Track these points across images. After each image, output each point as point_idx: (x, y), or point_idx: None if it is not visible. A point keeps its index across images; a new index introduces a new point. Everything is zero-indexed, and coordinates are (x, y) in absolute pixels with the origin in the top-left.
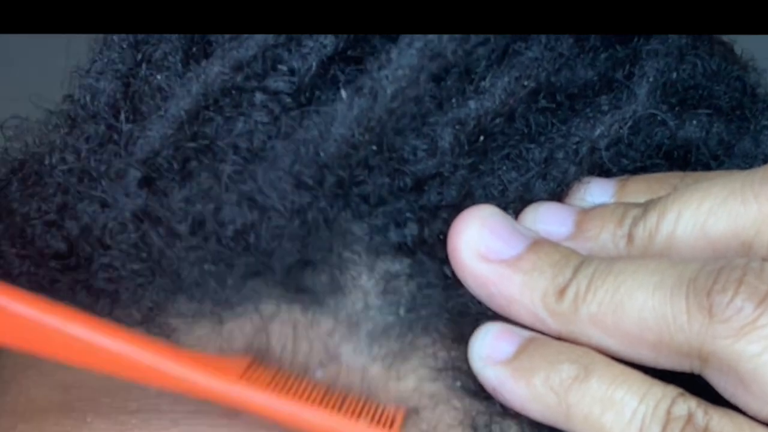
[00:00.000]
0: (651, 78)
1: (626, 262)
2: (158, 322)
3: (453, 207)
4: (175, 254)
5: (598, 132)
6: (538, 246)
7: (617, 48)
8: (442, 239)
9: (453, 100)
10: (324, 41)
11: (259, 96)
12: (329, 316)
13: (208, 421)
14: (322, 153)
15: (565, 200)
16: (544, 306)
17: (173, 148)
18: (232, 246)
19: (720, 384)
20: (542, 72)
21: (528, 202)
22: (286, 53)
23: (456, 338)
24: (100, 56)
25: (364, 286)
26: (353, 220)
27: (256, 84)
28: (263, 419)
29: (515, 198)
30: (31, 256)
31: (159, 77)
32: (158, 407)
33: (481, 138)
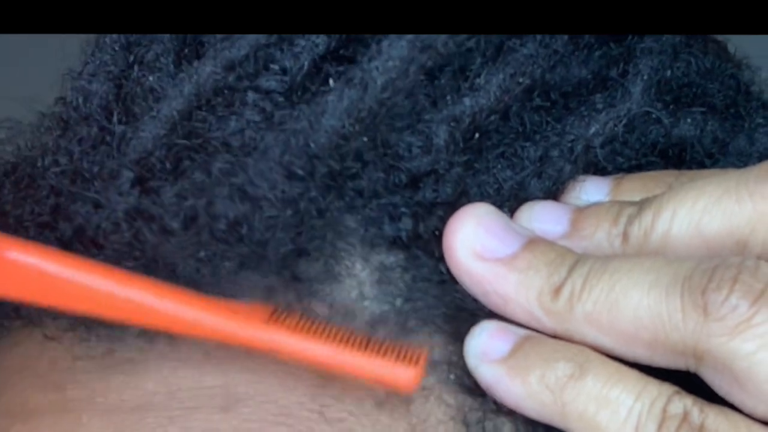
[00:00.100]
0: (645, 76)
1: (621, 261)
2: None
3: (448, 204)
4: (169, 250)
5: (593, 130)
6: (534, 245)
7: (611, 46)
8: (437, 235)
9: (448, 97)
10: (316, 40)
11: (252, 95)
12: (324, 305)
13: (204, 417)
14: (313, 144)
15: (561, 199)
16: (540, 304)
17: (166, 149)
18: (226, 238)
19: (715, 382)
20: (537, 69)
21: (523, 201)
22: (278, 53)
23: (452, 333)
24: (92, 58)
25: (359, 276)
26: (347, 212)
27: (249, 83)
28: (287, 365)
29: (510, 196)
30: None
31: (151, 78)
32: (154, 405)
33: (476, 135)
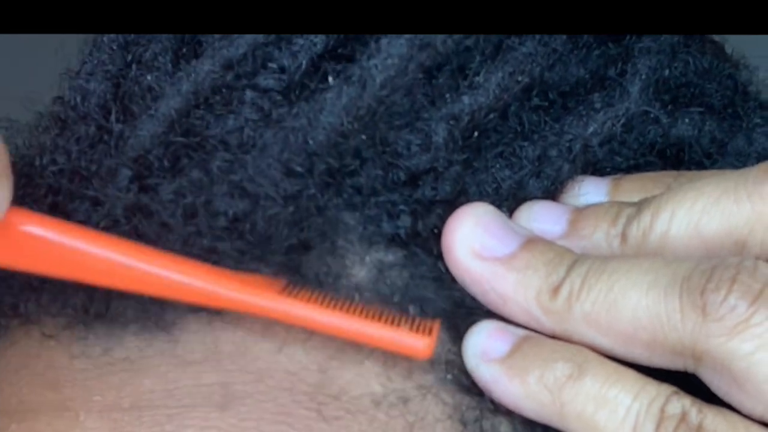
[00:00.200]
0: (644, 75)
1: (620, 261)
2: (153, 317)
3: (447, 203)
4: (167, 246)
5: (591, 129)
6: (532, 244)
7: (610, 45)
8: (436, 234)
9: (447, 96)
10: (314, 39)
11: (250, 94)
12: None
13: (202, 415)
14: (311, 141)
15: (559, 198)
16: (538, 304)
17: (164, 147)
18: (225, 235)
19: (714, 382)
20: (536, 68)
21: (522, 200)
22: (277, 51)
23: (450, 332)
24: (90, 57)
25: (357, 274)
26: (346, 210)
27: (247, 82)
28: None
29: (509, 195)
30: None
31: (149, 77)
32: (151, 403)
33: (475, 134)
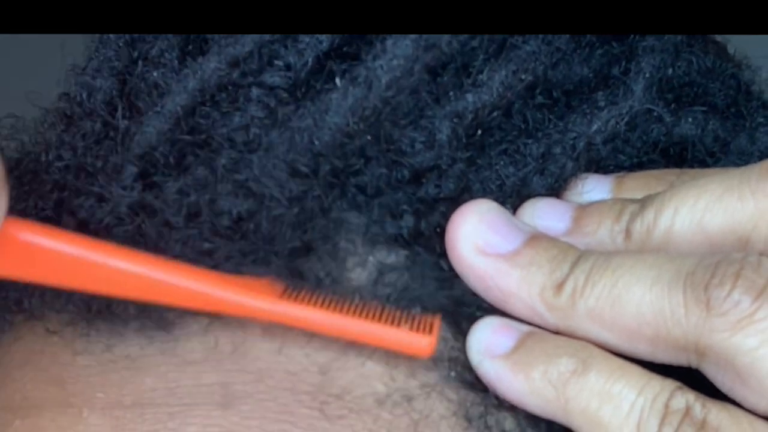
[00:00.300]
0: (647, 74)
1: (624, 257)
2: (154, 316)
3: (450, 200)
4: (170, 244)
5: (595, 127)
6: (536, 241)
7: (613, 44)
8: (439, 232)
9: (450, 94)
10: (320, 38)
11: (256, 91)
12: None
13: (204, 413)
14: (317, 141)
15: (563, 196)
16: (542, 300)
17: (170, 144)
18: (228, 234)
19: (717, 378)
20: (539, 66)
21: (525, 197)
22: (283, 49)
23: (452, 330)
24: (97, 54)
25: (360, 274)
26: (350, 210)
27: (253, 79)
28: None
29: (513, 193)
30: None
31: (155, 74)
32: (153, 401)
33: (479, 132)
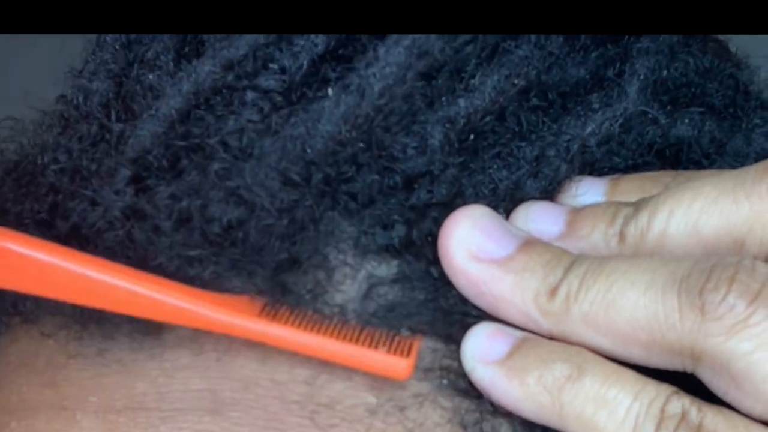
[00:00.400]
0: (642, 76)
1: (618, 261)
2: (144, 322)
3: (443, 206)
4: (159, 251)
5: (589, 130)
6: (530, 246)
7: (608, 46)
8: (431, 240)
9: (443, 99)
10: (315, 40)
11: (250, 94)
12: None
13: (195, 418)
14: (309, 150)
15: (557, 199)
16: (536, 306)
17: (164, 147)
18: (218, 241)
19: (713, 382)
20: (532, 70)
21: (519, 201)
22: (277, 52)
23: (443, 337)
24: (93, 57)
25: (349, 287)
26: (341, 220)
27: (247, 83)
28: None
29: (506, 196)
30: None
31: (151, 77)
32: (144, 406)
33: (472, 136)
